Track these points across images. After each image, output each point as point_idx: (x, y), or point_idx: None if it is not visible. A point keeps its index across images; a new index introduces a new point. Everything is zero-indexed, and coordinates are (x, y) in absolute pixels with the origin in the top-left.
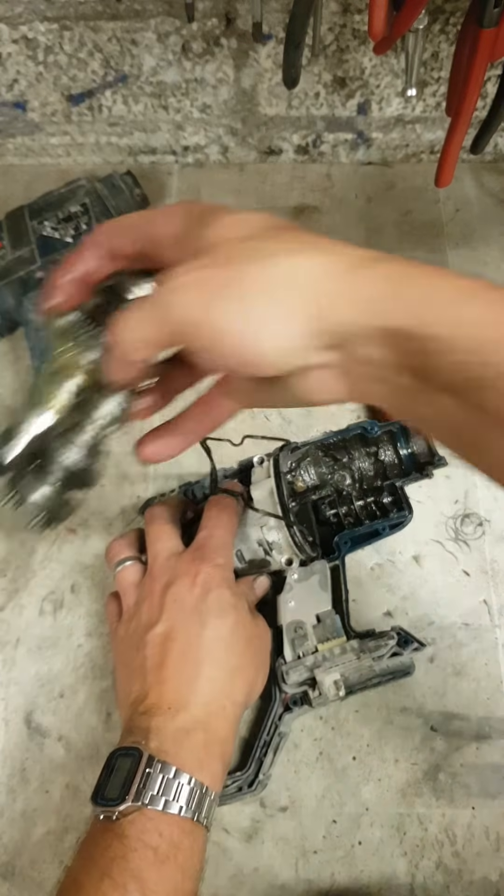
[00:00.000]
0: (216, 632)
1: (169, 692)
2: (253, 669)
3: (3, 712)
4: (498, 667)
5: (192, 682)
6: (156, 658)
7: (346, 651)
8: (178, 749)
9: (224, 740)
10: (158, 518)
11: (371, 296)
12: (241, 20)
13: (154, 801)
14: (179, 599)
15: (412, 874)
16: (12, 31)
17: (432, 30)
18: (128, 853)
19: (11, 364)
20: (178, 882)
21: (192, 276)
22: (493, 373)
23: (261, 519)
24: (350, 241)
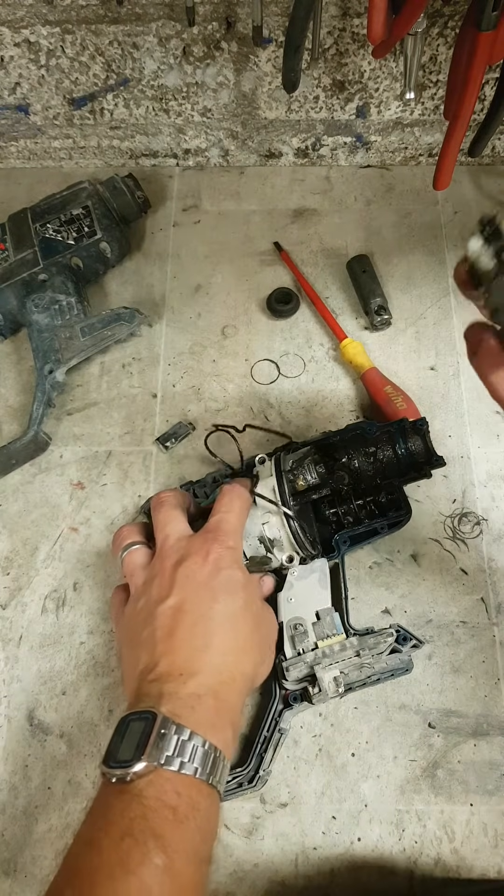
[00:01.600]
0: (227, 607)
1: (180, 660)
2: (259, 652)
3: (5, 709)
4: (495, 664)
5: (202, 651)
6: (166, 629)
7: (345, 648)
8: (191, 713)
9: (233, 709)
10: (166, 503)
11: None
12: (241, 24)
13: (170, 761)
14: (191, 574)
15: (411, 870)
16: (14, 35)
17: (431, 33)
18: (147, 812)
19: (14, 365)
20: (197, 843)
21: None
22: None
23: (262, 516)
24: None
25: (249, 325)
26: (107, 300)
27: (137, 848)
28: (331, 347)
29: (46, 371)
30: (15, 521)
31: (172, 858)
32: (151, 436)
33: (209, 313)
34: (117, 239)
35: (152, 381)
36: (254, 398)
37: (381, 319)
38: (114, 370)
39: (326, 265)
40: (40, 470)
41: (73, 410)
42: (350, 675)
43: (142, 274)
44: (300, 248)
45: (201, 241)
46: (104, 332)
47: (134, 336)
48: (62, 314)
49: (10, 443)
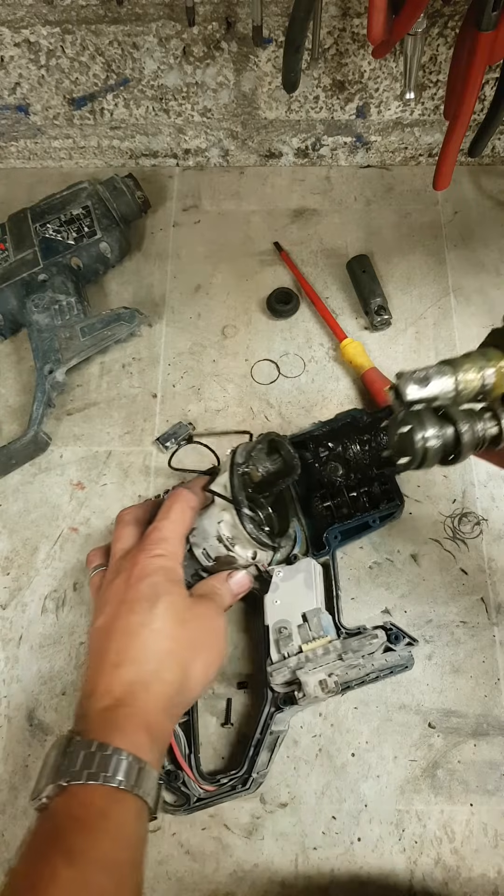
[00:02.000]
0: (143, 617)
1: (98, 679)
2: (188, 652)
3: (5, 709)
4: (495, 664)
5: (116, 667)
6: (94, 651)
7: (328, 652)
8: (100, 726)
9: (148, 713)
10: (121, 520)
11: None
12: (241, 24)
13: (76, 775)
14: (115, 591)
15: (411, 870)
16: (14, 35)
17: (431, 33)
18: (55, 830)
19: (14, 365)
20: (110, 850)
21: None
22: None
23: (218, 514)
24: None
25: (249, 325)
26: (107, 300)
27: (47, 867)
28: (331, 347)
29: (46, 371)
30: (15, 521)
31: (82, 870)
32: (151, 436)
33: (209, 313)
34: (117, 239)
35: (152, 381)
36: (254, 398)
37: (381, 319)
38: (114, 370)
39: (326, 265)
40: (40, 470)
41: (73, 410)
42: (349, 673)
43: (142, 274)
44: (300, 248)
45: (201, 241)
46: (104, 332)
47: (134, 336)
48: (62, 314)
49: (10, 443)
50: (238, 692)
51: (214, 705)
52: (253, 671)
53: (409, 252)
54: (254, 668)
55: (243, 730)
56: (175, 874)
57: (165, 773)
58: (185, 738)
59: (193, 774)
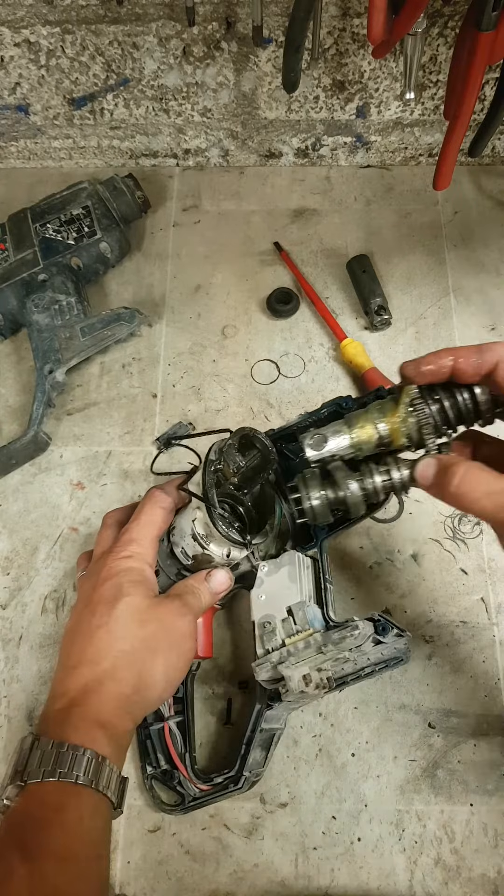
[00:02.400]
0: (101, 618)
1: (56, 683)
2: (145, 652)
3: (5, 709)
4: (495, 664)
5: (73, 669)
6: (59, 655)
7: (309, 645)
8: (55, 725)
9: (101, 711)
10: (104, 523)
11: None
12: (241, 24)
13: (33, 774)
14: (83, 596)
15: (411, 870)
16: (14, 35)
17: (431, 33)
18: (13, 829)
19: (14, 365)
20: (68, 843)
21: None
22: None
23: (192, 512)
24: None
25: (249, 325)
26: (107, 300)
27: (3, 864)
28: (331, 347)
29: (46, 371)
30: (15, 521)
31: (39, 864)
32: (151, 436)
33: (209, 313)
34: (117, 239)
35: (152, 381)
36: (254, 398)
37: (381, 319)
38: (114, 370)
39: (326, 265)
40: (40, 470)
41: (73, 410)
42: (344, 668)
43: (142, 274)
44: (300, 248)
45: (201, 241)
46: (104, 332)
47: (134, 336)
48: (62, 314)
49: (10, 443)
50: (239, 692)
51: (215, 705)
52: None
53: (409, 252)
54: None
55: (244, 730)
56: (175, 874)
57: (162, 773)
58: (181, 737)
59: (188, 774)
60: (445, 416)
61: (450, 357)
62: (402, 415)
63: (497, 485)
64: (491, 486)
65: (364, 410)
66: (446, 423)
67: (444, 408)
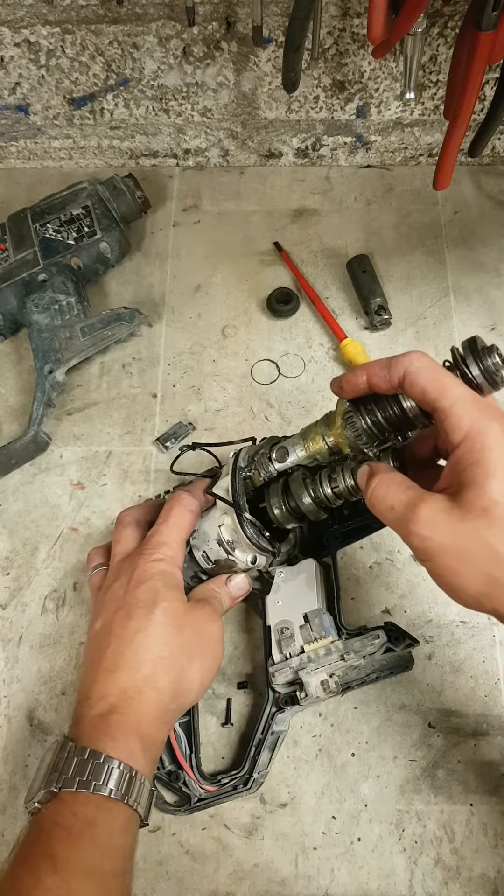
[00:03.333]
0: (139, 622)
1: (92, 685)
2: (183, 658)
3: (5, 709)
4: (495, 664)
5: (111, 672)
6: (90, 655)
7: (330, 652)
8: (93, 732)
9: (140, 721)
10: (121, 522)
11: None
12: (241, 24)
13: (68, 783)
14: (113, 596)
15: (411, 871)
16: (14, 35)
17: (431, 33)
18: (42, 836)
19: (14, 365)
20: (96, 859)
21: (455, 538)
22: None
23: (219, 518)
24: (350, 243)
25: (249, 325)
26: (107, 300)
27: (30, 873)
28: (331, 347)
29: (46, 371)
30: (15, 521)
31: (66, 878)
32: (151, 436)
33: (209, 313)
34: (117, 239)
35: (152, 381)
36: (254, 398)
37: (381, 319)
38: (114, 370)
39: (326, 265)
40: (40, 470)
41: (73, 410)
42: (349, 674)
43: (142, 274)
44: (300, 248)
45: (201, 241)
46: (104, 332)
47: (134, 336)
48: (62, 314)
49: (10, 443)
50: (238, 692)
51: (214, 705)
52: (253, 671)
53: (409, 252)
54: (254, 668)
55: (243, 730)
56: (175, 874)
57: (167, 773)
58: (185, 738)
59: (194, 774)
60: (381, 426)
61: (364, 373)
62: (339, 428)
63: (399, 498)
64: (395, 499)
65: (314, 424)
66: (382, 432)
67: (378, 419)
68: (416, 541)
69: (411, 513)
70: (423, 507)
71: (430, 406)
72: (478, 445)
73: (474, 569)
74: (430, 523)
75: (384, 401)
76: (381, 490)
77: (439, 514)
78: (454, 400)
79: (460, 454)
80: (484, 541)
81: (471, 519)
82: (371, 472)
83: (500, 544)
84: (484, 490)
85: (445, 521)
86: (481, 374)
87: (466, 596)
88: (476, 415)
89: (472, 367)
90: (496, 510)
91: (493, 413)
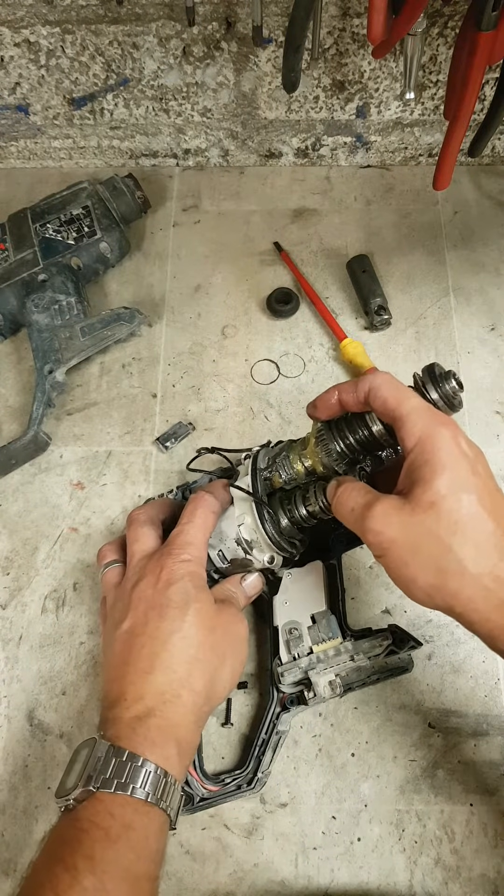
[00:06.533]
0: (173, 623)
1: (127, 685)
2: (216, 659)
3: (5, 709)
4: (495, 664)
5: (147, 674)
6: (121, 655)
7: (340, 653)
8: (131, 735)
9: (178, 725)
10: (136, 520)
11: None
12: (241, 24)
13: (106, 783)
14: (142, 595)
15: (411, 870)
16: (14, 35)
17: (431, 33)
18: (79, 835)
19: (14, 365)
20: (132, 862)
21: (405, 532)
22: None
23: (239, 517)
24: (350, 243)
25: (249, 325)
26: (107, 300)
27: (67, 872)
28: (331, 347)
29: (46, 371)
30: (15, 521)
31: (102, 879)
32: (151, 436)
33: (209, 313)
34: (117, 239)
35: (152, 381)
36: (254, 398)
37: (381, 319)
38: (114, 370)
39: (326, 265)
40: (40, 470)
41: (73, 410)
42: (350, 675)
43: (142, 274)
44: (300, 248)
45: (201, 241)
46: (104, 332)
47: (134, 336)
48: (62, 314)
49: (10, 443)
50: (238, 692)
51: None
52: (253, 671)
53: (409, 252)
54: (254, 668)
55: (243, 730)
56: (175, 874)
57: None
58: None
59: (197, 774)
60: (352, 447)
61: (335, 393)
62: (313, 449)
63: (358, 500)
64: (354, 502)
65: (294, 445)
66: (352, 451)
67: (351, 441)
68: (370, 536)
69: (367, 510)
70: (377, 505)
71: (390, 415)
72: (428, 447)
73: (424, 560)
74: (383, 518)
75: (354, 422)
76: (345, 496)
77: (391, 510)
78: (410, 409)
79: (413, 457)
80: (432, 533)
81: (419, 513)
82: (338, 484)
83: (447, 535)
84: (431, 486)
85: (397, 517)
86: (440, 398)
87: (417, 589)
88: (428, 422)
89: (431, 391)
90: (443, 504)
91: (444, 420)
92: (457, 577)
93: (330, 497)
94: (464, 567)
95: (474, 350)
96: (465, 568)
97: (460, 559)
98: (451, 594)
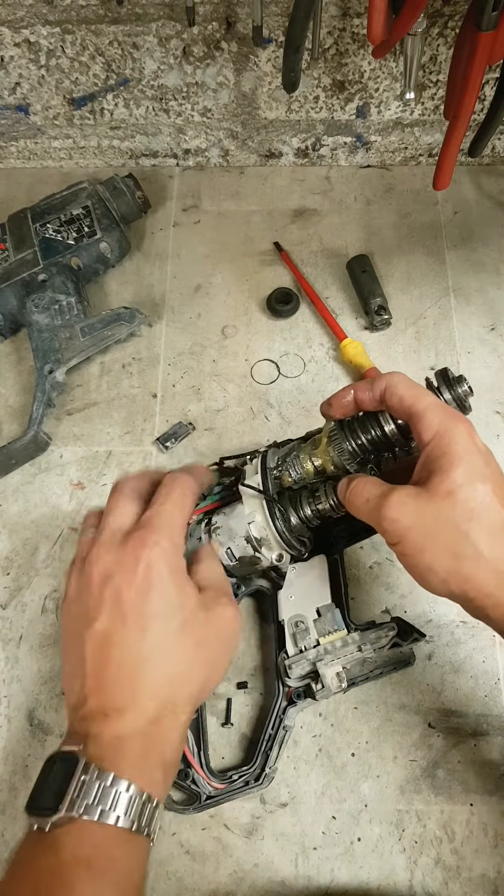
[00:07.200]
0: (157, 637)
1: (107, 698)
2: (202, 671)
3: (5, 709)
4: (495, 664)
5: (129, 689)
6: (96, 662)
7: (347, 644)
8: (115, 756)
9: (164, 745)
10: (119, 490)
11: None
12: (241, 24)
13: (89, 810)
14: (119, 595)
15: (411, 871)
16: (14, 35)
17: (431, 33)
18: (60, 867)
19: (14, 365)
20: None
21: (422, 519)
22: None
23: (248, 515)
24: (350, 243)
25: (249, 325)
26: (107, 300)
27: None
28: (331, 347)
29: (46, 371)
30: (15, 521)
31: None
32: (151, 436)
33: (209, 313)
34: (117, 239)
35: (152, 381)
36: (254, 398)
37: (381, 319)
38: (114, 370)
39: (326, 265)
40: (40, 470)
41: (73, 410)
42: (353, 669)
43: (142, 274)
44: (300, 248)
45: (201, 241)
46: (104, 332)
47: (134, 336)
48: (62, 314)
49: (10, 443)
50: (238, 692)
51: (214, 705)
52: (253, 671)
53: (409, 252)
54: (254, 668)
55: (243, 730)
56: (175, 874)
57: None
58: (193, 736)
59: (203, 772)
60: (364, 447)
61: (350, 392)
62: (324, 448)
63: (373, 491)
64: (370, 493)
65: (303, 445)
66: (364, 451)
67: (363, 441)
68: (386, 524)
69: (383, 500)
70: (393, 494)
71: (406, 412)
72: (445, 440)
73: (440, 546)
74: (400, 507)
75: (367, 422)
76: (359, 488)
77: (408, 499)
78: (426, 406)
79: (430, 449)
80: (449, 520)
81: (436, 501)
82: (350, 479)
83: (463, 522)
84: (449, 476)
85: (414, 505)
86: (453, 400)
87: (433, 574)
88: (445, 417)
89: (445, 392)
90: (460, 493)
91: (460, 416)
92: (472, 562)
93: (342, 492)
94: (479, 552)
95: (474, 350)
96: (481, 553)
97: (476, 544)
98: (465, 578)
